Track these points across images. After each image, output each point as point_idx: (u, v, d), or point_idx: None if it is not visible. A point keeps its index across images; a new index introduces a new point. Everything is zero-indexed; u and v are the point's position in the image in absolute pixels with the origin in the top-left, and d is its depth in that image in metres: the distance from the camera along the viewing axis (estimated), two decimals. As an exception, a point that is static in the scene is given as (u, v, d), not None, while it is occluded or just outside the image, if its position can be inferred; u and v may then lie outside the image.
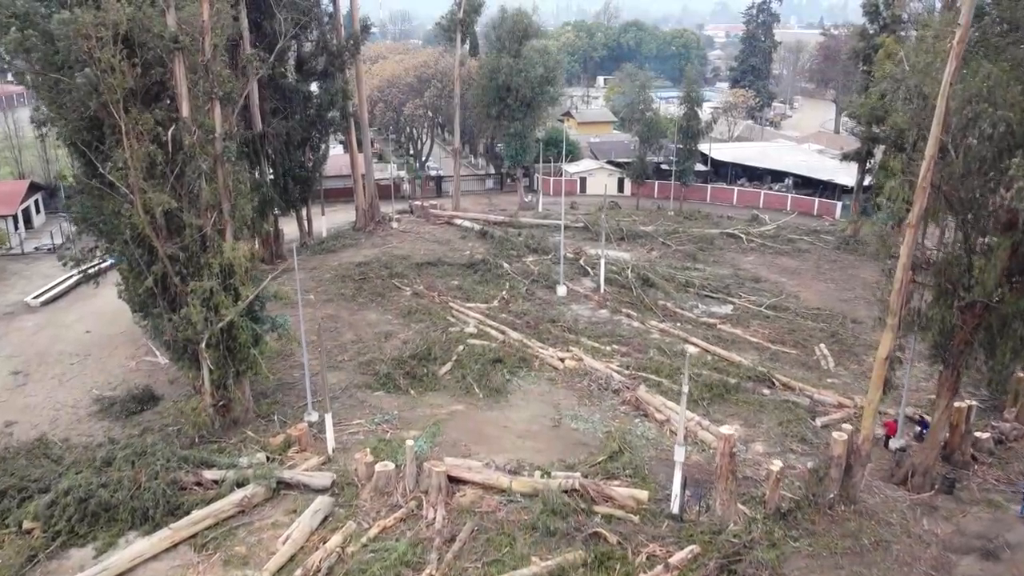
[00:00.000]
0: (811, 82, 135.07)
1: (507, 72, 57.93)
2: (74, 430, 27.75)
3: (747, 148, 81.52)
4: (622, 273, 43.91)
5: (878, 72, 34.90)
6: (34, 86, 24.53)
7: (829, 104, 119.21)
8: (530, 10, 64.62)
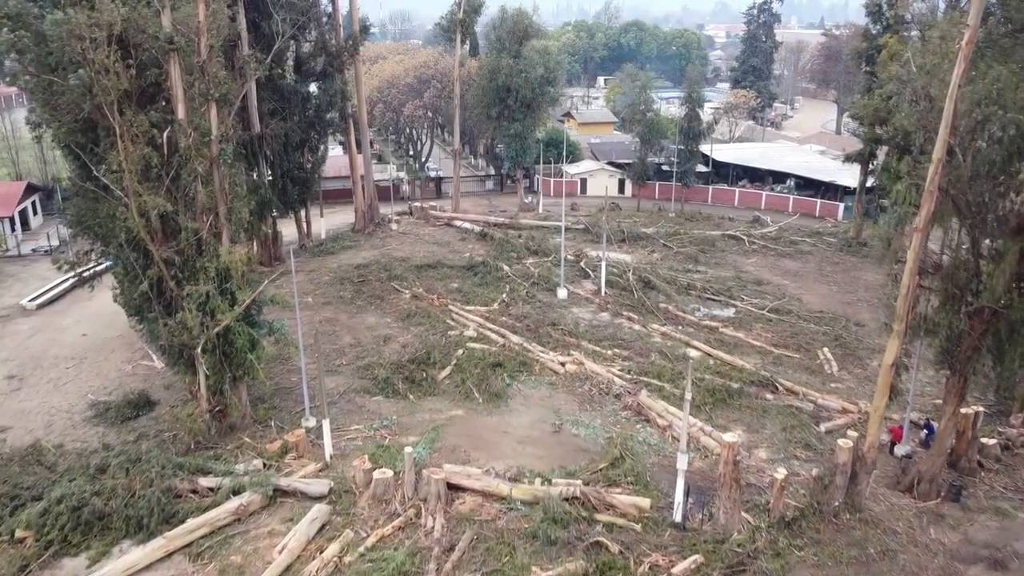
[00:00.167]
0: (812, 82, 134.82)
1: (507, 73, 57.59)
2: (69, 436, 27.40)
3: (748, 149, 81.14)
4: (623, 275, 43.54)
5: (884, 74, 34.55)
6: (27, 88, 24.20)
7: (830, 104, 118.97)
8: (530, 10, 64.24)
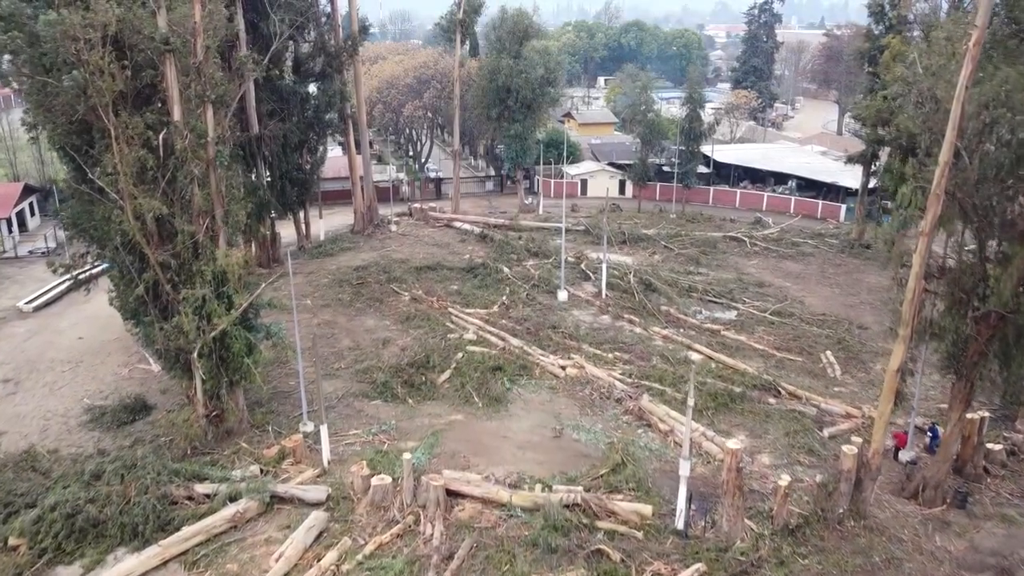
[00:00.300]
0: (813, 83, 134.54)
1: (507, 73, 57.28)
2: (64, 441, 27.10)
3: (750, 150, 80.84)
4: (624, 278, 43.22)
5: (888, 75, 34.20)
6: (21, 89, 23.91)
7: (831, 105, 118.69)
8: (530, 10, 63.95)
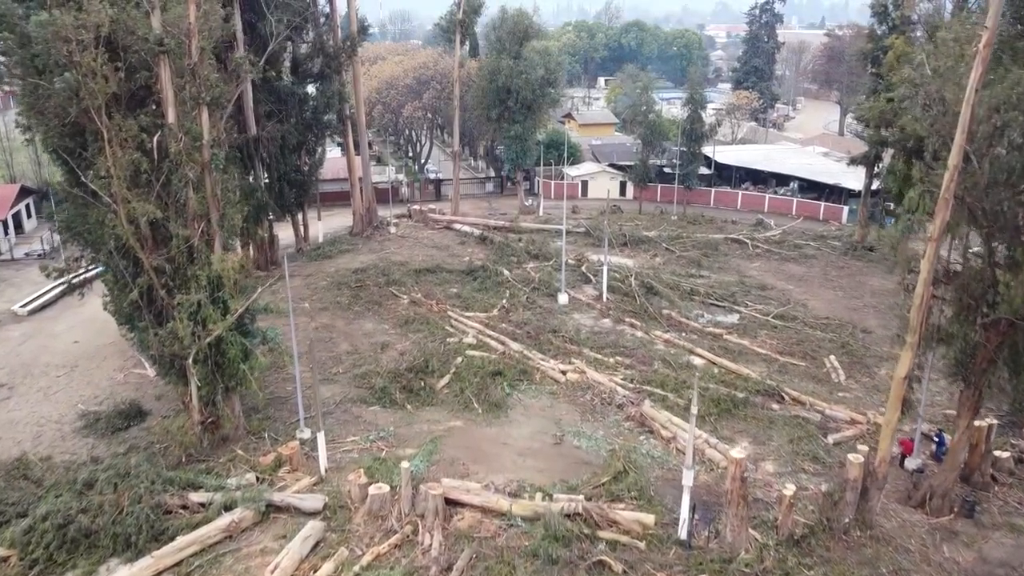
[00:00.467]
0: (814, 83, 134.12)
1: (507, 74, 56.91)
2: (57, 447, 26.72)
3: (751, 151, 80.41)
4: (625, 280, 42.82)
5: (895, 77, 33.77)
6: (13, 91, 23.55)
7: (832, 105, 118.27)
8: (531, 11, 63.59)
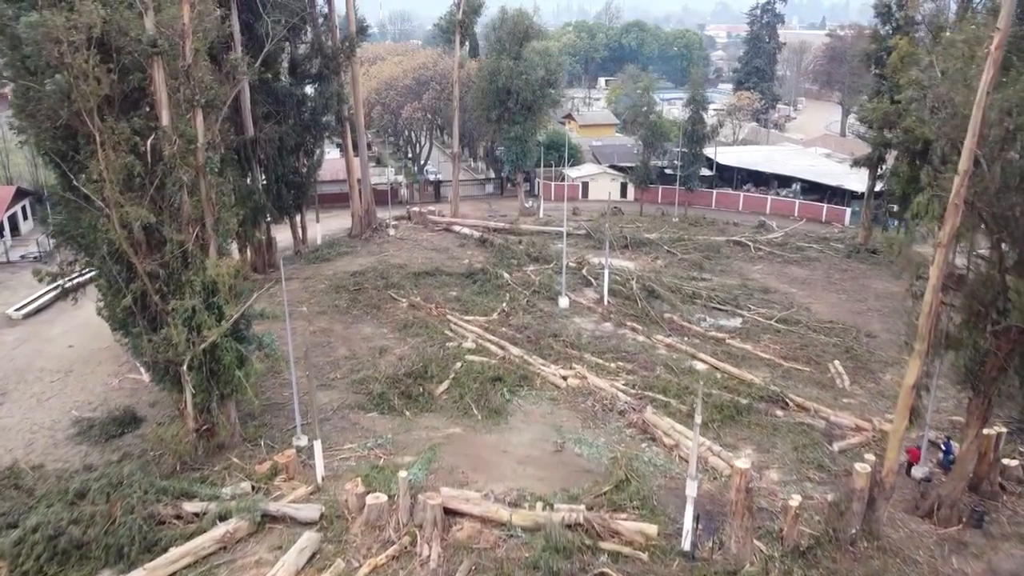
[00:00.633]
0: (816, 83, 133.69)
1: (507, 74, 56.48)
2: (50, 455, 26.29)
3: (753, 152, 79.95)
4: (626, 284, 42.38)
5: (903, 78, 33.34)
6: (4, 92, 23.12)
7: (834, 106, 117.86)
8: (531, 11, 63.15)
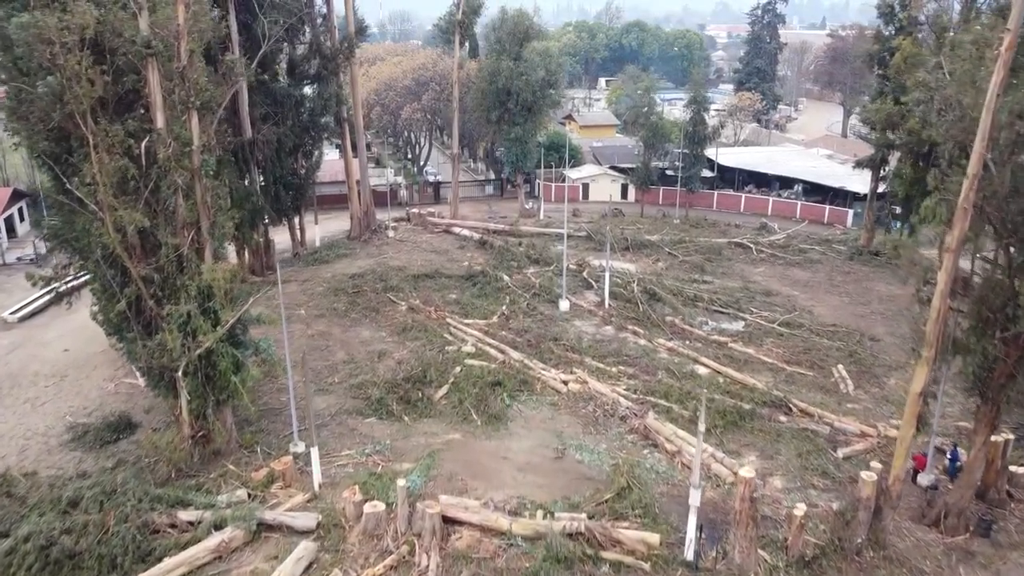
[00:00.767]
0: (817, 84, 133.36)
1: (507, 75, 56.13)
2: (43, 462, 25.93)
3: (754, 153, 79.60)
4: (627, 286, 42.02)
5: (910, 80, 33.00)
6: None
7: (835, 106, 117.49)
8: (531, 11, 62.80)
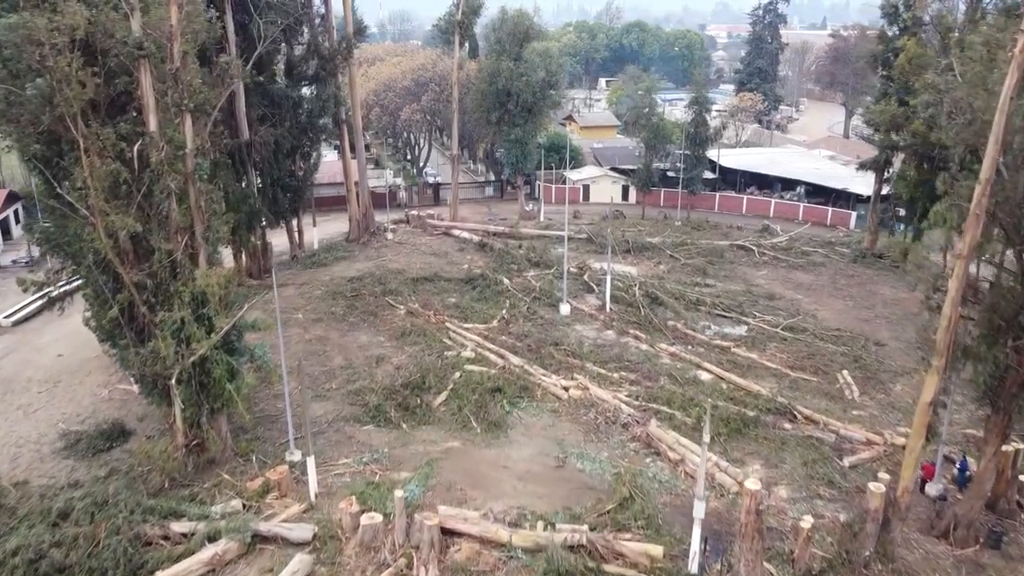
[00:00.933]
0: (818, 84, 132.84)
1: (507, 76, 55.67)
2: (35, 470, 25.45)
3: (756, 154, 79.06)
4: (629, 290, 41.53)
5: (918, 82, 32.54)
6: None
7: (836, 107, 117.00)
8: (531, 11, 62.30)
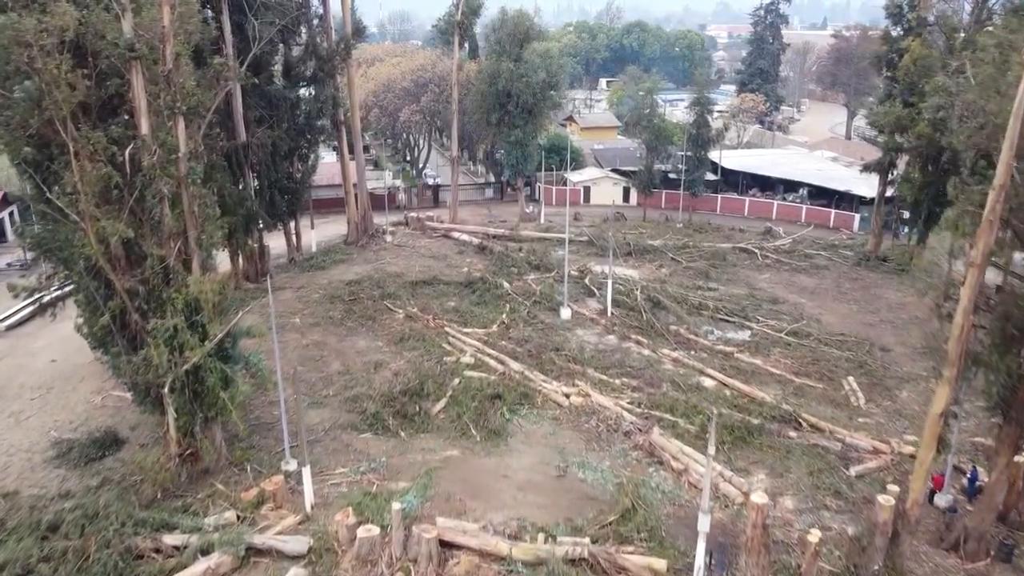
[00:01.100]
0: (820, 85, 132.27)
1: (507, 77, 55.12)
2: (26, 480, 24.98)
3: (758, 156, 78.44)
4: (630, 294, 41.01)
5: (928, 85, 32.05)
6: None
7: (838, 107, 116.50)
8: (531, 12, 61.76)
